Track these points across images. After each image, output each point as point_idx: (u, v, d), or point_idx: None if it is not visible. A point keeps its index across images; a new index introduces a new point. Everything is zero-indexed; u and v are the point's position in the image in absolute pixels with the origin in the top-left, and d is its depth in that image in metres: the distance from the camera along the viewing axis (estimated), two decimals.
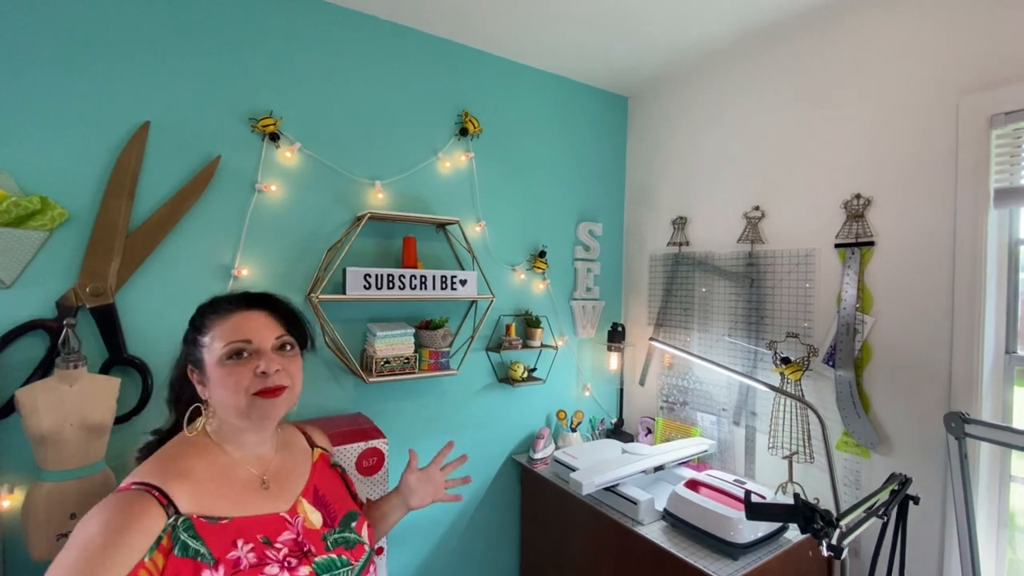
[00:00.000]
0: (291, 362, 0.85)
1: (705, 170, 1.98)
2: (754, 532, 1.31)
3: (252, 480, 0.83)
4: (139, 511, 0.68)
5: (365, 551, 0.88)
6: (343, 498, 0.94)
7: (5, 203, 1.13)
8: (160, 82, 1.35)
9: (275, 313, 0.86)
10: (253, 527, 0.77)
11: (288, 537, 0.80)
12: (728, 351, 1.86)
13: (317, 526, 0.85)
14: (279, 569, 0.75)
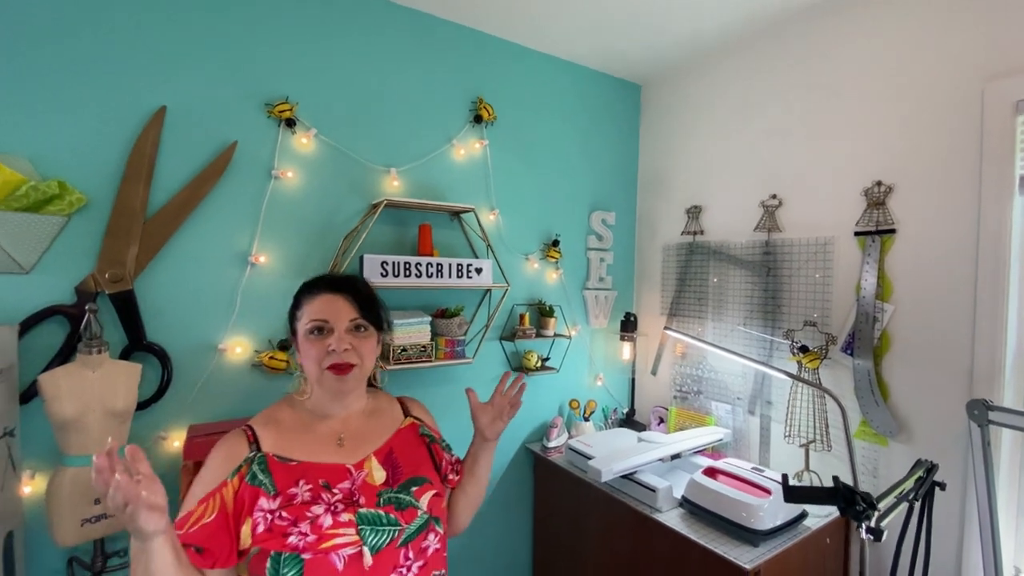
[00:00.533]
0: (363, 342, 0.94)
1: (721, 158, 1.97)
2: (774, 519, 1.31)
3: (330, 436, 0.95)
4: (232, 444, 0.89)
5: (418, 516, 0.91)
6: (419, 465, 0.98)
7: (24, 188, 1.12)
8: (176, 66, 1.33)
9: (354, 297, 0.95)
10: (317, 472, 0.89)
11: (345, 486, 0.89)
12: (743, 341, 1.85)
13: (377, 483, 0.91)
14: (324, 510, 0.84)
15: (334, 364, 0.91)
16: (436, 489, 0.97)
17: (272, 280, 1.46)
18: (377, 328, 0.98)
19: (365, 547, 0.85)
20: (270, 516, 0.83)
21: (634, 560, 1.53)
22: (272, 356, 1.42)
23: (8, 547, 1.07)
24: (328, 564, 0.82)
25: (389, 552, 0.87)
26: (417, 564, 0.90)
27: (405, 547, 0.89)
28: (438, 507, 0.96)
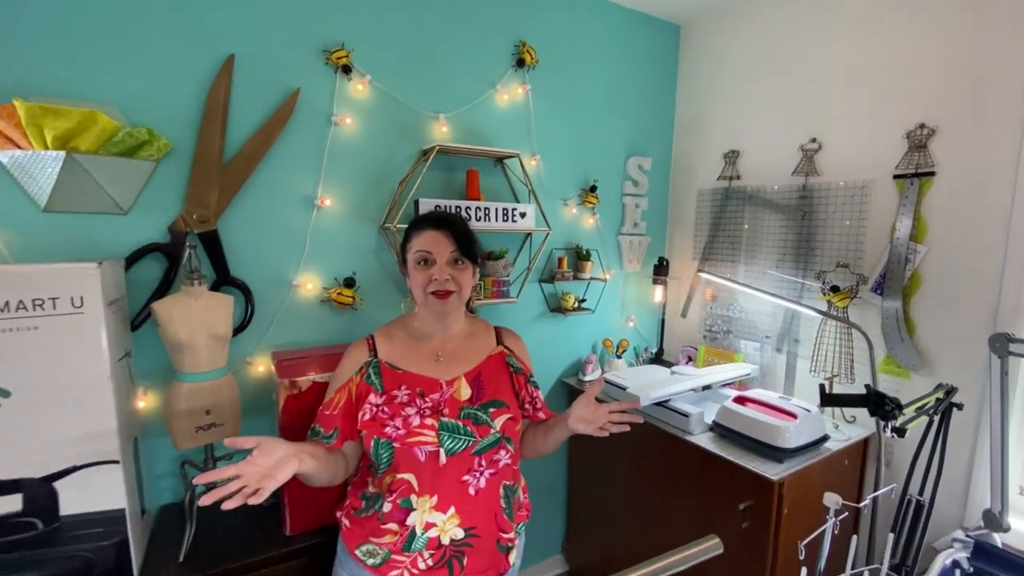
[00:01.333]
0: (461, 273, 1.08)
1: (761, 102, 1.97)
2: (798, 440, 1.44)
3: (430, 352, 1.12)
4: (357, 350, 1.12)
5: (490, 433, 1.06)
6: (501, 390, 1.12)
7: (120, 133, 1.22)
8: (241, 14, 1.39)
9: (454, 234, 1.07)
10: (416, 381, 1.08)
11: (436, 397, 1.07)
12: (774, 283, 1.93)
13: (462, 399, 1.08)
14: (414, 412, 1.04)
15: (436, 291, 1.06)
16: (512, 414, 1.10)
17: (336, 222, 1.58)
18: (472, 262, 1.11)
19: (442, 448, 1.02)
20: (375, 408, 1.04)
21: (665, 477, 1.69)
22: (340, 292, 1.56)
23: (136, 451, 1.26)
24: (412, 454, 1.01)
25: (463, 456, 1.04)
26: (488, 472, 1.06)
27: (479, 456, 1.05)
28: (511, 429, 1.09)
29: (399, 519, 1.01)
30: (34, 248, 1.22)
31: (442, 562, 1.01)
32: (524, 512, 1.18)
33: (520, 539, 1.17)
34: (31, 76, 1.18)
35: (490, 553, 1.06)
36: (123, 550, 1.13)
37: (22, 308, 1.00)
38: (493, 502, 1.07)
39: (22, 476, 1.03)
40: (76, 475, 1.07)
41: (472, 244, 1.10)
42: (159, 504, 1.41)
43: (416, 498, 1.01)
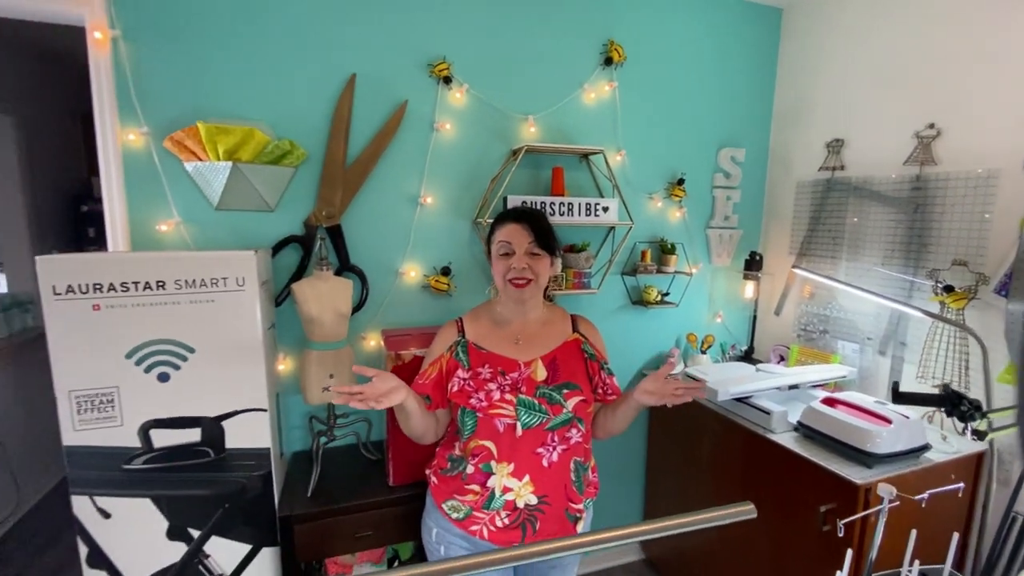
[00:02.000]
0: (537, 263, 1.19)
1: (869, 86, 1.83)
2: (892, 445, 1.37)
3: (511, 335, 1.25)
4: (448, 330, 1.28)
5: (562, 412, 1.16)
6: (574, 374, 1.22)
7: (270, 146, 1.50)
8: (361, 38, 1.62)
9: (532, 227, 1.19)
10: (498, 361, 1.21)
11: (515, 376, 1.20)
12: (879, 281, 1.80)
13: (538, 379, 1.19)
14: (496, 388, 1.17)
15: (514, 279, 1.18)
16: (584, 396, 1.20)
17: (436, 218, 1.77)
18: (550, 253, 1.22)
19: (518, 422, 1.15)
20: (462, 382, 1.20)
21: (744, 473, 1.68)
22: (437, 280, 1.75)
23: (277, 404, 1.55)
24: (492, 424, 1.15)
25: (537, 431, 1.16)
26: (560, 447, 1.17)
27: (552, 432, 1.16)
28: (582, 410, 1.19)
29: (480, 481, 1.15)
30: (209, 238, 1.55)
31: (517, 523, 1.14)
32: (592, 489, 1.27)
33: (588, 514, 1.26)
34: (208, 104, 1.50)
35: (559, 520, 1.17)
36: (267, 482, 1.41)
37: (203, 285, 1.30)
38: (564, 475, 1.17)
39: (201, 414, 1.34)
40: (237, 418, 1.36)
41: (549, 237, 1.20)
42: (292, 450, 1.71)
43: (495, 464, 1.14)
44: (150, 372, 1.28)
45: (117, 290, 1.23)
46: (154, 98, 1.46)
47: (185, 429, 1.32)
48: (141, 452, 1.30)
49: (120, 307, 1.24)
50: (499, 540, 1.15)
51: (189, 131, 1.45)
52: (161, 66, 1.45)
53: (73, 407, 1.24)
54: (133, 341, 1.26)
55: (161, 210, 1.50)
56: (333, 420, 1.60)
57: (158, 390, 1.29)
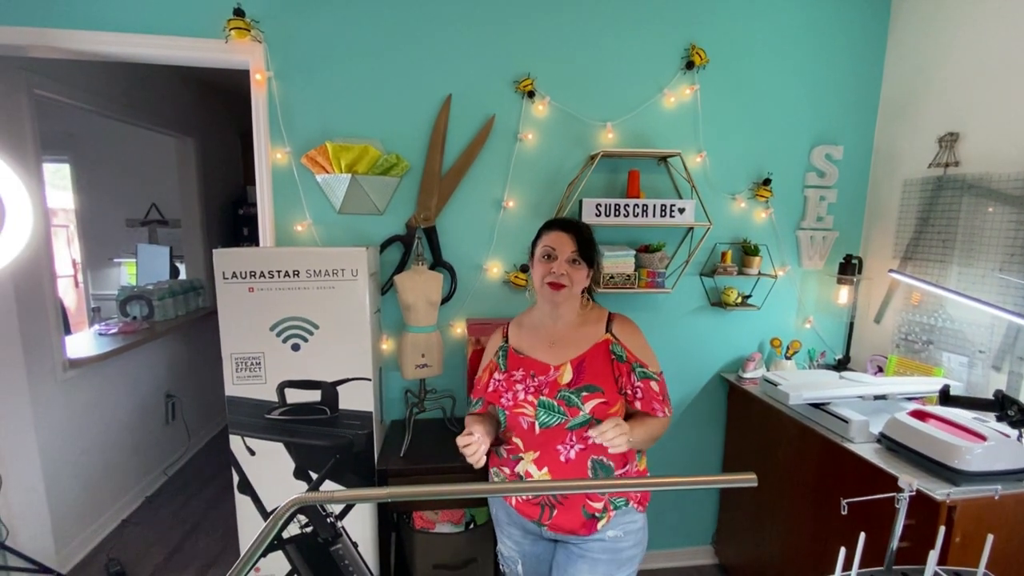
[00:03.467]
0: (575, 271, 1.25)
1: (991, 74, 1.66)
2: (990, 463, 1.27)
3: (547, 338, 1.31)
4: (495, 338, 1.41)
5: (580, 414, 1.20)
6: (598, 376, 1.23)
7: (380, 159, 1.79)
8: (456, 63, 1.85)
9: (576, 237, 1.27)
10: (531, 365, 1.30)
11: (542, 379, 1.26)
12: (997, 289, 1.63)
13: (563, 382, 1.24)
14: (522, 389, 1.27)
15: (552, 282, 1.24)
16: (605, 399, 1.21)
17: (517, 220, 1.95)
18: (588, 264, 1.28)
19: (536, 421, 1.24)
20: (496, 383, 1.32)
21: (819, 483, 1.64)
22: (516, 275, 1.93)
23: (380, 376, 1.84)
24: (518, 421, 1.27)
25: (557, 430, 1.23)
26: (578, 446, 1.21)
27: (571, 431, 1.22)
28: (602, 412, 1.20)
29: (511, 466, 1.28)
30: (332, 237, 1.88)
31: (537, 501, 1.25)
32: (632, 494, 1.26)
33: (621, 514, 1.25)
34: (334, 126, 1.82)
35: (575, 514, 1.22)
36: (369, 440, 1.69)
37: (326, 274, 1.60)
38: (580, 472, 1.22)
39: (322, 379, 1.65)
40: (348, 384, 1.66)
41: (590, 248, 1.27)
42: (391, 418, 2.00)
43: (522, 453, 1.26)
44: (286, 342, 1.61)
45: (266, 276, 1.58)
46: (295, 124, 1.81)
47: (310, 390, 1.64)
48: (278, 405, 1.64)
49: (267, 290, 1.58)
50: (524, 511, 1.27)
51: (320, 149, 1.78)
52: (301, 98, 1.80)
53: (233, 366, 1.61)
54: (275, 317, 1.60)
55: (298, 214, 1.86)
56: (424, 394, 1.86)
57: (291, 357, 1.62)
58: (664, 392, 1.28)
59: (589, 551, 1.25)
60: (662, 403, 1.26)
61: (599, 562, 1.24)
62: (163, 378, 3.08)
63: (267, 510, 1.68)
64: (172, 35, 1.73)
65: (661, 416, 1.26)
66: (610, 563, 1.24)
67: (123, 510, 2.66)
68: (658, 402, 1.26)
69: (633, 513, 1.27)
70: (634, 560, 1.28)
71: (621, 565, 1.26)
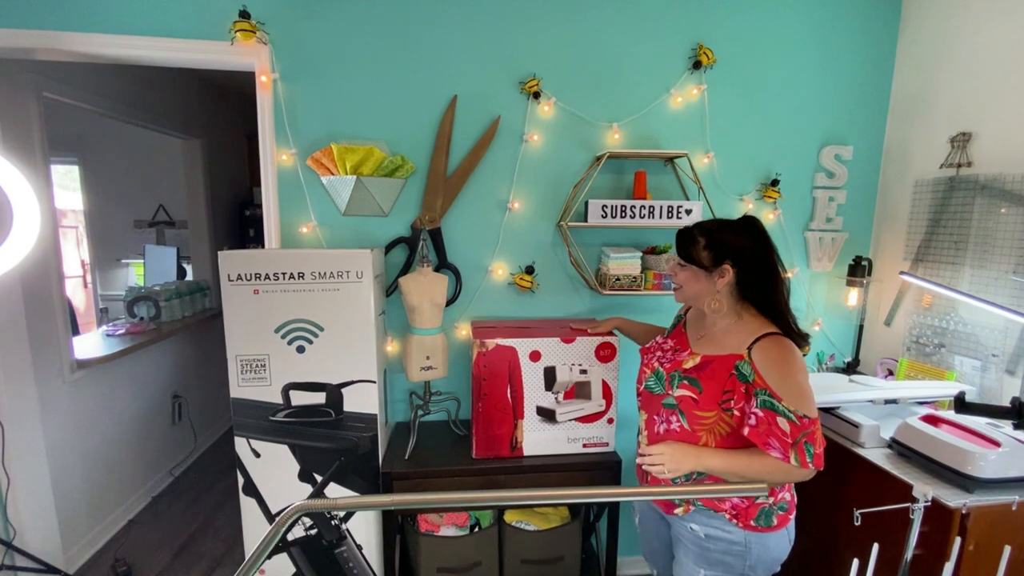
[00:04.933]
0: (683, 273, 1.26)
1: (1004, 72, 1.63)
2: (1004, 470, 1.25)
3: (703, 328, 1.29)
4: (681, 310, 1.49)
5: (667, 397, 1.25)
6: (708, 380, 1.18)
7: (385, 161, 1.78)
8: (461, 64, 1.84)
9: (679, 238, 1.27)
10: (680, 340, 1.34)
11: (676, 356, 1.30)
12: (1011, 291, 1.61)
13: (684, 367, 1.24)
14: (659, 355, 1.36)
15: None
16: (697, 397, 1.18)
17: (522, 221, 1.94)
18: (693, 264, 1.22)
19: (644, 384, 1.34)
20: (652, 342, 1.44)
21: (829, 488, 1.61)
22: (522, 277, 1.92)
23: (385, 378, 1.83)
24: (641, 376, 1.38)
25: (656, 400, 1.29)
26: (663, 425, 1.27)
27: (664, 408, 1.26)
28: (688, 406, 1.19)
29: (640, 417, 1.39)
30: (337, 238, 1.88)
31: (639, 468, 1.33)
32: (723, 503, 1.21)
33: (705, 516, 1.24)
34: (340, 128, 1.82)
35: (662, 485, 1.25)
36: (374, 442, 1.69)
37: (331, 276, 1.60)
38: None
39: (327, 381, 1.64)
40: (353, 387, 1.65)
41: (690, 251, 1.22)
42: (396, 420, 1.99)
43: (640, 409, 1.37)
44: (291, 344, 1.61)
45: (271, 278, 1.57)
46: (301, 125, 1.81)
47: (315, 392, 1.64)
48: (282, 407, 1.64)
49: (272, 292, 1.58)
50: (638, 474, 1.36)
51: (325, 151, 1.78)
52: (307, 100, 1.80)
53: (238, 368, 1.61)
54: (280, 319, 1.59)
55: (303, 215, 1.86)
56: (428, 396, 1.85)
57: (296, 359, 1.62)
58: (798, 436, 1.08)
59: (682, 534, 1.30)
60: (788, 445, 1.08)
61: (690, 551, 1.28)
62: (170, 379, 3.09)
63: (272, 513, 1.68)
64: (178, 38, 1.73)
65: (776, 456, 1.10)
66: (698, 557, 1.26)
67: (130, 510, 2.68)
68: (781, 442, 1.08)
69: (724, 522, 1.22)
70: (730, 568, 1.24)
71: (711, 565, 1.25)
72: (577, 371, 1.70)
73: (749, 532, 1.20)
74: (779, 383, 1.10)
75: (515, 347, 1.65)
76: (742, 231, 1.20)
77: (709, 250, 1.20)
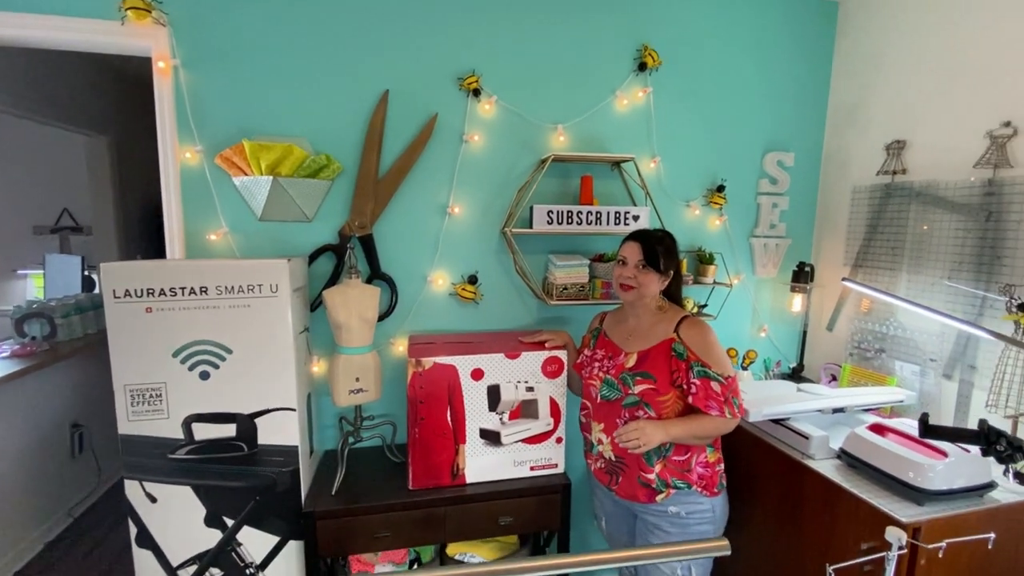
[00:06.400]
0: (642, 274, 1.38)
1: (935, 82, 1.67)
2: (949, 482, 1.23)
3: (627, 330, 1.47)
4: (594, 320, 1.63)
5: (629, 394, 1.36)
6: (657, 367, 1.36)
7: (307, 160, 1.60)
8: (393, 56, 1.68)
9: (642, 245, 1.39)
10: (611, 348, 1.47)
11: (612, 361, 1.44)
12: (946, 296, 1.63)
13: (627, 367, 1.40)
14: (598, 366, 1.47)
15: (622, 284, 1.41)
16: (655, 387, 1.35)
17: (464, 227, 1.80)
18: (656, 270, 1.37)
19: (599, 394, 1.43)
20: (583, 356, 1.56)
21: (781, 502, 1.57)
22: (464, 288, 1.78)
23: (308, 404, 1.64)
24: (589, 391, 1.48)
25: (615, 404, 1.40)
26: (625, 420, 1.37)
27: (625, 408, 1.38)
28: (651, 397, 1.35)
29: (587, 430, 1.50)
30: (253, 247, 1.67)
31: (607, 469, 1.44)
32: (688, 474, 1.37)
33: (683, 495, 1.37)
34: (254, 123, 1.62)
35: (634, 482, 1.38)
36: (295, 477, 1.49)
37: (241, 291, 1.40)
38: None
39: (237, 411, 1.43)
40: (269, 416, 1.45)
41: (655, 257, 1.37)
42: (324, 448, 1.80)
43: (592, 421, 1.47)
44: (193, 370, 1.40)
45: (167, 294, 1.36)
46: (208, 119, 1.60)
47: (222, 424, 1.43)
48: (184, 443, 1.41)
49: (169, 310, 1.36)
50: (600, 477, 1.47)
51: (236, 148, 1.57)
52: (214, 90, 1.59)
53: (128, 400, 1.38)
54: (179, 341, 1.38)
55: (212, 221, 1.64)
56: (359, 422, 1.67)
57: (200, 387, 1.40)
58: (727, 394, 1.31)
59: (659, 523, 1.40)
60: (721, 403, 1.31)
61: (670, 534, 1.39)
62: (68, 406, 2.71)
63: (172, 565, 1.44)
64: (64, 15, 1.49)
65: (715, 415, 1.31)
66: (680, 536, 1.39)
67: (17, 560, 2.31)
68: (716, 401, 1.31)
69: (696, 495, 1.38)
70: (707, 535, 1.38)
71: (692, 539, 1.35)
72: (523, 389, 1.57)
73: (713, 498, 1.40)
74: (706, 353, 1.34)
75: (455, 365, 1.51)
76: (675, 243, 1.44)
77: (666, 258, 1.39)
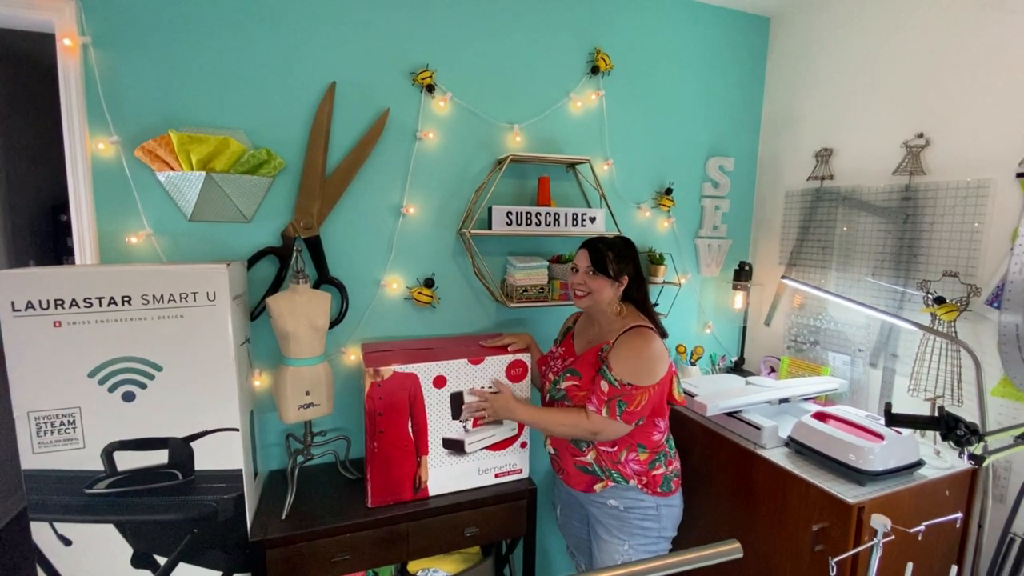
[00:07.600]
0: (591, 280, 1.39)
1: (858, 96, 1.82)
2: (884, 463, 1.34)
3: (586, 333, 1.50)
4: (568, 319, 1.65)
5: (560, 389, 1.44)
6: (584, 367, 1.41)
7: (245, 155, 1.46)
8: (341, 45, 1.58)
9: (592, 252, 1.40)
10: (568, 348, 1.51)
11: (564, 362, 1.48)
12: (870, 292, 1.78)
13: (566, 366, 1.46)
14: (553, 364, 1.52)
15: (575, 291, 1.43)
16: (579, 384, 1.39)
17: (419, 228, 1.73)
18: (606, 275, 1.38)
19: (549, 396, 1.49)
20: (548, 352, 1.61)
21: (735, 490, 1.64)
22: (420, 291, 1.71)
23: (252, 422, 1.49)
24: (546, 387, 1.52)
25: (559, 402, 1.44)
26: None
27: (555, 401, 1.45)
28: (573, 393, 1.40)
29: None
30: (182, 250, 1.50)
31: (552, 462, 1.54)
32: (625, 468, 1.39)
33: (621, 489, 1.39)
34: (182, 112, 1.45)
35: (575, 468, 1.43)
36: (239, 504, 1.35)
37: (172, 300, 1.24)
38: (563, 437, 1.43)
39: (169, 435, 1.28)
40: (207, 438, 1.31)
41: (605, 263, 1.38)
42: (269, 469, 1.65)
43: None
44: (114, 391, 1.22)
45: (80, 306, 1.18)
46: (125, 106, 1.41)
47: (151, 451, 1.26)
48: (104, 475, 1.23)
49: (83, 324, 1.18)
50: (554, 467, 1.54)
51: (161, 140, 1.40)
52: (132, 73, 1.41)
53: (32, 429, 1.18)
54: (96, 359, 1.20)
55: (131, 222, 1.45)
56: (310, 438, 1.55)
57: (123, 410, 1.23)
58: (615, 396, 1.30)
59: (601, 514, 1.43)
60: (602, 401, 1.32)
61: (611, 526, 1.42)
62: None
63: None
64: None
65: (591, 411, 1.33)
66: (620, 529, 1.41)
67: None
68: (598, 398, 1.33)
69: (637, 491, 1.40)
70: (647, 532, 1.40)
71: (631, 535, 1.40)
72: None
73: (658, 497, 1.41)
74: (620, 361, 1.32)
75: (416, 373, 1.43)
76: (629, 248, 1.43)
77: (616, 263, 1.39)
